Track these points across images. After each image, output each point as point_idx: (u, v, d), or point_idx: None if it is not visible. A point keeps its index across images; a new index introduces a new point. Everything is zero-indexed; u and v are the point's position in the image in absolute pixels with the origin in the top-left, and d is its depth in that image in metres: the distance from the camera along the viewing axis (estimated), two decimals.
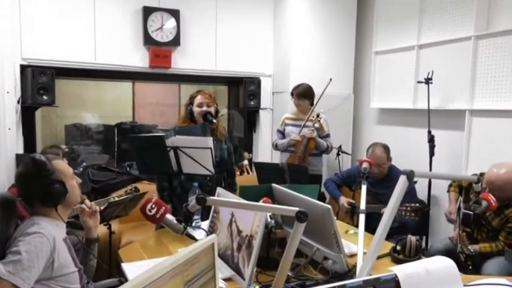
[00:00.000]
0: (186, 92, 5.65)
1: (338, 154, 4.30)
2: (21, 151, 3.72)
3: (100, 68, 4.05)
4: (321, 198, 3.52)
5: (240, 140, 5.06)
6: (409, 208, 2.45)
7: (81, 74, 4.11)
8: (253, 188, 2.13)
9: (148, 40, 4.15)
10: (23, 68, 3.73)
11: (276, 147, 3.72)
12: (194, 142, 2.30)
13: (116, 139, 4.78)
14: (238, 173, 4.46)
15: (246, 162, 4.64)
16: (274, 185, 2.06)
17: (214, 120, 2.61)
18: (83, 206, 1.82)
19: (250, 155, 4.79)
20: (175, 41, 4.23)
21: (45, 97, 3.67)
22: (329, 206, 1.64)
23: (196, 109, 2.67)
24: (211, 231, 1.98)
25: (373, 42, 4.31)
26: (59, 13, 3.82)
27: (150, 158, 2.39)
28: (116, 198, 2.86)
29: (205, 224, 2.15)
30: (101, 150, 4.89)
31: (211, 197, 1.47)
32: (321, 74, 4.37)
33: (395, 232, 2.59)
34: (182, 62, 4.34)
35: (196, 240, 1.56)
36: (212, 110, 2.69)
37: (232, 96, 4.96)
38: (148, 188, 3.53)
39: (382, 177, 3.05)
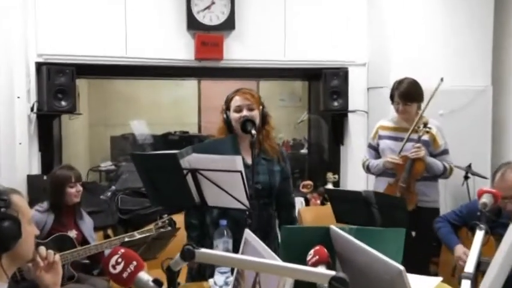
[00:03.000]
0: (268, 90, 5.72)
1: (466, 177, 4.14)
2: (36, 171, 3.84)
3: (132, 63, 4.09)
4: (438, 245, 3.29)
5: (320, 154, 4.99)
6: None
7: (108, 71, 4.15)
8: (301, 232, 2.05)
9: (192, 24, 4.11)
10: (39, 66, 3.80)
11: (367, 169, 3.59)
12: (217, 162, 2.24)
13: None
14: (318, 201, 4.37)
15: (329, 186, 4.55)
16: (333, 227, 1.92)
17: (254, 131, 2.46)
18: (37, 258, 1.74)
19: (336, 176, 4.65)
20: (229, 24, 4.17)
21: (63, 102, 3.72)
22: (401, 268, 1.49)
23: (233, 115, 2.61)
24: None
25: None
26: None
27: (163, 184, 2.35)
28: (137, 236, 2.82)
29: None
30: None
31: (203, 250, 1.36)
32: (438, 62, 4.19)
33: None
34: (237, 51, 4.28)
35: None
36: (255, 114, 2.60)
37: (313, 96, 4.89)
38: None
39: None
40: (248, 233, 1.95)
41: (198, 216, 2.61)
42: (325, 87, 4.43)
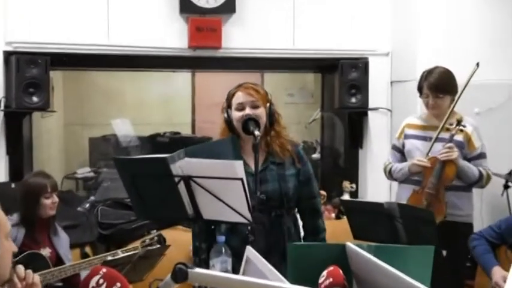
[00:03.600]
0: (274, 85, 5.76)
1: (506, 186, 4.12)
2: (3, 178, 3.85)
3: (115, 52, 4.10)
4: (473, 266, 3.31)
5: (335, 159, 4.98)
6: None
7: (87, 62, 4.18)
8: (312, 249, 2.08)
9: (186, 6, 4.12)
10: (7, 55, 3.81)
11: (389, 174, 3.58)
12: (213, 168, 2.22)
13: None
14: (332, 215, 4.47)
15: (346, 197, 4.55)
16: (349, 245, 1.96)
17: (257, 132, 2.49)
18: (14, 279, 1.74)
19: (353, 186, 4.66)
20: (228, 6, 4.17)
21: (34, 98, 3.74)
22: None
23: (235, 114, 2.64)
24: None
25: None
26: None
27: (151, 194, 2.35)
28: (121, 254, 2.88)
29: None
30: None
31: (198, 270, 1.42)
32: (472, 52, 4.13)
33: None
34: (238, 38, 4.30)
35: None
36: (260, 113, 2.63)
37: (327, 91, 4.95)
38: (183, 237, 3.43)
39: None
40: (250, 251, 1.94)
41: (206, 237, 2.59)
42: (341, 80, 4.43)
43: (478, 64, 3.45)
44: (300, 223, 2.83)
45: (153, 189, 2.31)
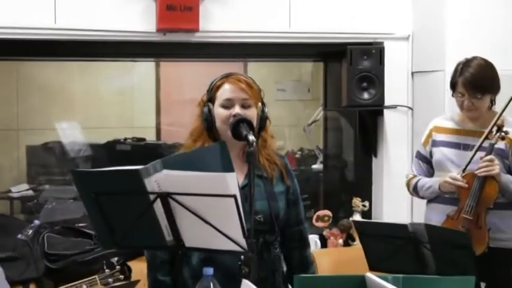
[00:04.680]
0: (260, 77, 5.77)
1: None
2: None
3: (64, 38, 4.14)
4: None
5: (342, 171, 5.00)
6: None
7: (26, 50, 4.20)
8: (324, 282, 2.13)
9: None
10: None
11: (414, 190, 3.64)
12: (199, 182, 2.19)
13: None
14: (340, 240, 4.54)
15: (356, 217, 4.62)
16: (370, 276, 2.01)
17: (251, 137, 2.49)
18: None
19: (366, 204, 4.73)
20: None
21: None
22: None
23: (219, 112, 2.68)
24: None
25: None
26: None
27: (118, 216, 2.33)
28: None
29: None
30: None
31: None
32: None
33: None
34: (220, 18, 4.35)
35: None
36: (252, 114, 2.67)
37: (331, 84, 4.98)
38: None
39: None
40: (246, 285, 2.02)
41: (170, 270, 2.63)
42: (350, 71, 4.48)
43: None
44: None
45: (121, 210, 2.28)
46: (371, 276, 1.98)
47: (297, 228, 2.83)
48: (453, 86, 3.47)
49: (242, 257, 2.37)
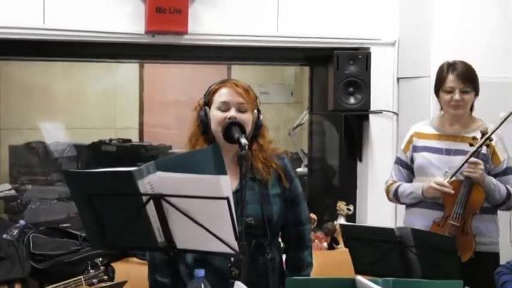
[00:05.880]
0: (243, 79, 5.74)
1: None
2: None
3: (53, 38, 4.13)
4: None
5: (326, 175, 5.00)
6: None
7: (12, 50, 4.20)
8: (314, 285, 2.12)
9: None
10: None
11: (394, 196, 3.65)
12: (192, 184, 2.20)
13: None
14: (324, 244, 4.54)
15: (341, 221, 4.59)
16: (360, 279, 2.01)
17: (243, 140, 2.50)
18: None
19: (350, 208, 4.73)
20: None
21: None
22: None
23: (215, 114, 2.69)
24: None
25: None
26: None
27: (110, 217, 2.33)
28: None
29: None
30: (68, 192, 5.03)
31: None
32: (498, 42, 4.28)
33: None
34: (209, 21, 4.35)
35: None
36: (247, 119, 2.69)
37: (317, 88, 5.00)
38: (138, 270, 3.43)
39: None
40: (239, 287, 2.05)
41: (168, 271, 2.57)
42: (336, 76, 4.49)
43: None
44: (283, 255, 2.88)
45: (114, 211, 2.29)
46: (361, 279, 1.98)
47: (295, 229, 2.83)
48: (440, 83, 3.50)
49: (232, 259, 2.37)
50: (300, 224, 2.85)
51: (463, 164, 3.33)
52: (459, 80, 3.42)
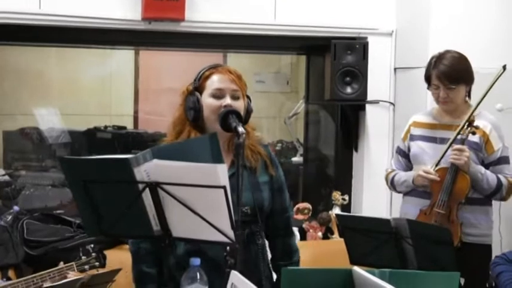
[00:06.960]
0: (239, 67, 5.75)
1: None
2: None
3: (49, 23, 4.13)
4: None
5: (322, 164, 4.97)
6: None
7: (12, 34, 4.19)
8: (311, 275, 2.07)
9: None
10: None
11: (391, 185, 3.69)
12: (189, 173, 2.20)
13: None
14: (319, 233, 4.56)
15: (336, 211, 4.62)
16: (357, 270, 2.00)
17: (240, 129, 2.48)
18: None
19: (346, 198, 4.76)
20: None
21: None
22: None
23: (208, 102, 2.67)
24: None
25: None
26: None
27: (106, 205, 2.34)
28: (49, 284, 2.84)
29: None
30: (63, 179, 5.03)
31: None
32: (496, 33, 4.30)
33: None
34: (206, 9, 4.35)
35: None
36: (240, 106, 2.69)
37: (314, 77, 5.00)
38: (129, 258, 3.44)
39: None
40: (235, 276, 2.02)
41: (154, 260, 2.64)
42: (333, 65, 4.49)
43: (504, 67, 3.47)
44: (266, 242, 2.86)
45: (109, 198, 2.30)
46: (358, 270, 1.97)
47: (282, 216, 2.85)
48: (428, 79, 3.51)
49: (228, 248, 2.37)
50: (286, 212, 2.88)
51: (446, 150, 3.35)
52: (442, 79, 3.41)
